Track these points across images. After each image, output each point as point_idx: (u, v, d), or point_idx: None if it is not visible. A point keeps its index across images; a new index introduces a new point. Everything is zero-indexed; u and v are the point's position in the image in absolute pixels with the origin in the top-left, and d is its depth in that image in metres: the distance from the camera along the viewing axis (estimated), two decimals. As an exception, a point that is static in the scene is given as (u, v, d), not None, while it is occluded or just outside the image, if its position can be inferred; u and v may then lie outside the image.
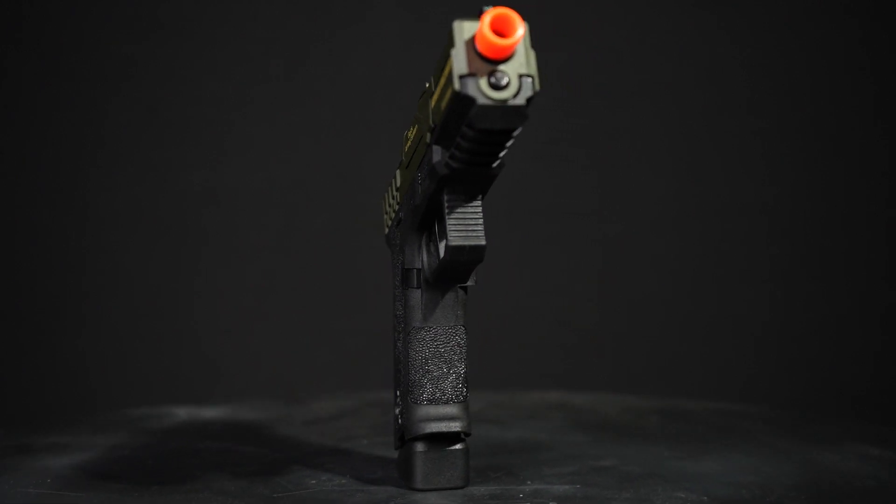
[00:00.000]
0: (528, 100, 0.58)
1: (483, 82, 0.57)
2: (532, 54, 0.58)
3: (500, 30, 0.57)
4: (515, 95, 0.58)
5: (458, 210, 0.64)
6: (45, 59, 1.46)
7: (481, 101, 0.57)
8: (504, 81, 0.57)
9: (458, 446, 0.69)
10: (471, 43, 0.58)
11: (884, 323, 1.50)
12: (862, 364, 1.50)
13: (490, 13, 0.57)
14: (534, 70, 0.58)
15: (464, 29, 0.58)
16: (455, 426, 0.69)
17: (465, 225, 0.64)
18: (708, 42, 1.52)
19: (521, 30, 0.57)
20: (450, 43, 0.59)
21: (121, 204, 1.47)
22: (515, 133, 0.60)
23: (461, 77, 0.58)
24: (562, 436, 0.88)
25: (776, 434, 0.90)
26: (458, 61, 0.58)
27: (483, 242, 0.64)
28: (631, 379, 1.49)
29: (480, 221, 0.64)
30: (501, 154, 0.62)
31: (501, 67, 0.58)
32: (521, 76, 0.58)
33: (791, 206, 1.52)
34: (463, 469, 0.70)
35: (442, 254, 0.65)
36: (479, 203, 0.64)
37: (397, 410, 0.72)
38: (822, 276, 1.51)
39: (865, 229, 1.51)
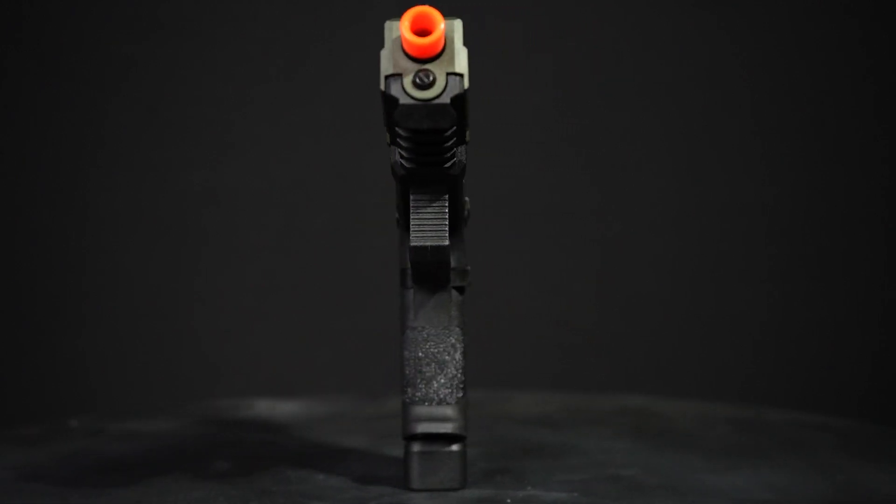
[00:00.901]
0: (456, 98, 0.57)
1: (407, 81, 0.57)
2: (464, 52, 0.57)
3: (421, 28, 0.57)
4: (441, 94, 0.57)
5: (422, 210, 0.64)
6: (45, 59, 1.46)
7: (404, 100, 0.57)
8: (428, 80, 0.57)
9: (453, 447, 0.69)
10: (398, 42, 0.58)
11: (883, 323, 1.50)
12: (861, 364, 1.50)
13: (409, 12, 0.57)
14: (463, 68, 0.57)
15: (393, 28, 0.58)
16: (445, 428, 0.69)
17: (429, 225, 0.64)
18: (708, 42, 1.52)
19: (441, 26, 0.56)
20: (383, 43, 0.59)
21: (121, 204, 1.48)
22: (450, 132, 0.59)
23: (386, 77, 0.57)
24: (605, 442, 0.85)
25: (842, 450, 0.84)
26: (385, 61, 0.57)
27: (445, 243, 0.63)
28: (628, 379, 1.49)
29: (444, 221, 0.63)
30: (449, 154, 0.61)
31: (428, 66, 0.57)
32: (448, 74, 0.57)
33: (790, 206, 1.52)
34: (458, 471, 0.69)
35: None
36: (444, 203, 0.63)
37: None
38: (821, 275, 1.51)
39: (865, 229, 1.51)
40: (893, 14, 1.51)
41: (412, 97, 0.57)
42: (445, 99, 0.57)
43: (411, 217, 0.64)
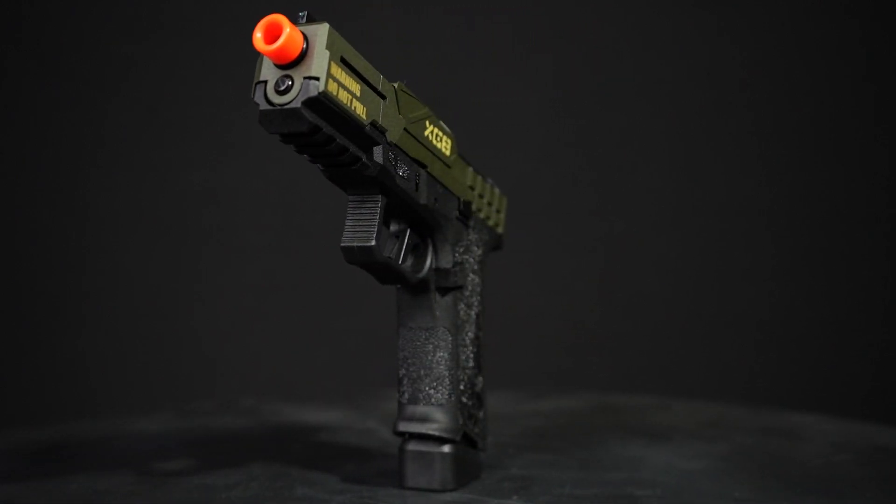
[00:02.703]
0: (309, 101, 0.57)
1: (270, 87, 0.58)
2: (324, 55, 0.57)
3: (271, 34, 0.57)
4: (294, 98, 0.57)
5: (355, 211, 0.65)
6: (45, 59, 1.46)
7: (263, 106, 0.58)
8: (284, 86, 0.57)
9: (444, 449, 0.69)
10: None
11: (885, 322, 1.50)
12: (863, 363, 1.50)
13: (261, 21, 0.57)
14: (322, 72, 0.57)
15: None
16: (426, 428, 0.69)
17: (359, 226, 0.64)
18: (708, 42, 1.52)
19: (285, 31, 0.57)
20: None
21: (121, 204, 1.47)
22: (320, 135, 0.59)
23: (255, 84, 0.58)
24: (680, 461, 0.80)
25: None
26: (257, 69, 0.59)
27: (371, 244, 0.63)
28: (630, 378, 1.49)
29: (373, 223, 0.64)
30: (345, 156, 0.61)
31: (289, 72, 0.58)
32: (305, 79, 0.57)
33: (792, 205, 1.52)
34: (448, 472, 0.69)
35: None
36: (374, 205, 0.64)
37: None
38: (823, 274, 1.51)
39: (865, 228, 1.51)
40: (893, 14, 1.51)
41: (269, 102, 0.58)
42: (297, 103, 0.57)
43: (346, 218, 0.65)
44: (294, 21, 0.58)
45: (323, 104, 0.58)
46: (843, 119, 1.52)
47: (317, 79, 0.57)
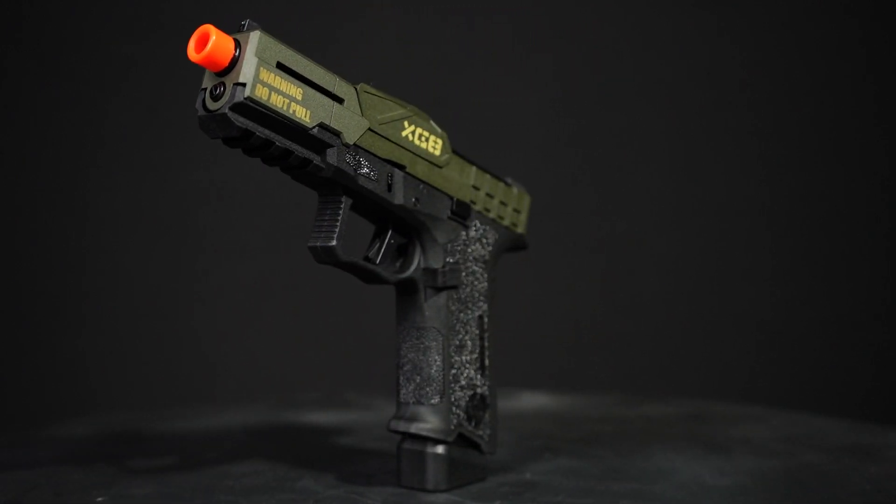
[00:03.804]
0: (236, 106, 0.58)
1: (208, 94, 0.60)
2: (252, 62, 0.59)
3: (201, 43, 0.59)
4: (224, 104, 0.59)
5: (321, 212, 0.65)
6: (45, 59, 1.46)
7: (200, 112, 0.60)
8: (217, 92, 0.59)
9: (436, 449, 0.69)
10: None
11: (885, 322, 1.50)
12: (863, 363, 1.50)
13: (195, 31, 0.59)
14: (249, 77, 0.58)
15: None
16: (416, 428, 0.69)
17: (322, 226, 0.65)
18: (708, 42, 1.52)
19: (211, 40, 0.58)
20: None
21: (121, 204, 1.47)
22: (255, 139, 0.60)
23: (199, 91, 0.60)
24: (705, 475, 0.76)
25: None
26: (203, 78, 0.60)
27: (332, 244, 0.64)
28: (632, 378, 1.49)
29: (335, 223, 0.65)
30: (291, 158, 0.62)
31: (223, 79, 0.59)
32: (234, 85, 0.59)
33: (792, 205, 1.52)
34: (437, 473, 0.69)
35: None
36: (338, 206, 0.65)
37: None
38: (823, 274, 1.51)
39: (865, 228, 1.51)
40: (893, 14, 1.51)
41: (204, 108, 0.60)
42: (225, 109, 0.59)
43: (315, 219, 0.66)
44: (238, 29, 0.60)
45: (252, 109, 0.59)
46: (843, 119, 1.52)
47: (244, 85, 0.58)
